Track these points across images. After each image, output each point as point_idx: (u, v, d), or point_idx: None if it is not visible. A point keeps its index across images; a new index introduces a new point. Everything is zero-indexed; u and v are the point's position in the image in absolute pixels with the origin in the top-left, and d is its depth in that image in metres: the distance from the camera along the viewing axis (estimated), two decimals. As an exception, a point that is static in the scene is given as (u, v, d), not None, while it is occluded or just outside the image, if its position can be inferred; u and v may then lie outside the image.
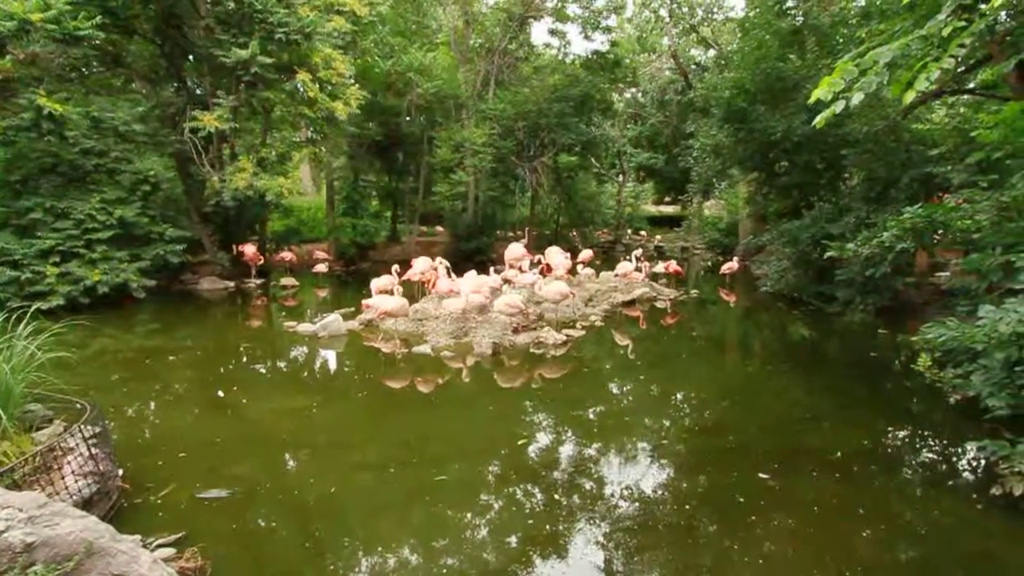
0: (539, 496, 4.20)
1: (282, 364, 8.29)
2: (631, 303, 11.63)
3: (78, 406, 4.25)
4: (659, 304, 11.99)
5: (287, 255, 15.96)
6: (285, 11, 11.48)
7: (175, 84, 13.95)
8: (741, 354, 9.45)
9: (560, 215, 23.58)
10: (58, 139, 10.77)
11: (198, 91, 13.98)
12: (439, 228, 24.03)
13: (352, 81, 14.54)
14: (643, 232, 27.27)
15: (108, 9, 10.86)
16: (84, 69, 12.17)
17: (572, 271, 12.20)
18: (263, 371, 7.89)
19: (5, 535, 2.41)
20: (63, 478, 3.58)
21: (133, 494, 3.95)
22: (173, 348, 8.57)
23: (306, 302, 13.00)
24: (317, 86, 12.36)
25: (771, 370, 7.84)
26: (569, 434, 5.53)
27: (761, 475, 4.40)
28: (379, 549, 3.49)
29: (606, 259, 19.25)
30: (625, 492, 4.22)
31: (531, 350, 8.20)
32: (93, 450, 3.87)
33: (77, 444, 3.87)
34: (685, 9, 20.16)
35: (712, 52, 21.56)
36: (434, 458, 4.81)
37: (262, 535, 3.67)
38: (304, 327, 9.15)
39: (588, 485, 4.37)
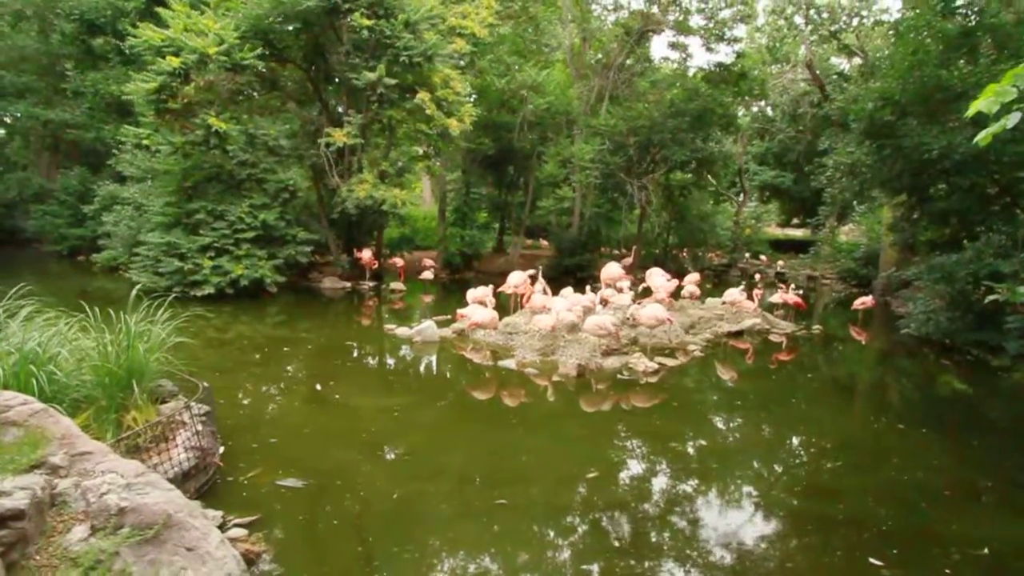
0: (598, 540, 3.92)
1: (377, 365, 8.80)
2: (739, 334, 10.65)
3: (201, 385, 4.86)
4: (773, 338, 10.83)
5: (398, 261, 17.07)
6: (411, 36, 12.38)
7: (318, 104, 15.70)
8: (869, 405, 8.15)
9: (669, 235, 22.51)
10: (221, 152, 12.64)
11: (339, 110, 15.59)
12: (544, 242, 24.20)
13: (469, 99, 15.27)
14: (763, 257, 25.04)
15: (268, 41, 12.55)
16: (248, 93, 14.17)
17: (675, 295, 11.51)
18: (359, 369, 8.43)
19: (105, 497, 2.76)
20: (172, 449, 4.07)
21: (227, 472, 4.39)
22: (291, 339, 9.52)
23: (411, 306, 13.77)
24: (435, 104, 13.12)
25: (905, 429, 6.64)
26: (647, 473, 5.14)
27: (873, 560, 3.69)
28: (425, 564, 3.48)
29: (718, 284, 17.94)
30: (697, 555, 3.78)
31: (619, 375, 7.83)
32: (200, 427, 4.37)
33: (189, 420, 4.39)
34: (825, 15, 18.28)
35: (856, 60, 19.28)
36: (500, 479, 4.73)
37: (322, 530, 3.85)
38: (401, 331, 9.65)
39: (656, 537, 3.99)
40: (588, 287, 10.51)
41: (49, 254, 19.10)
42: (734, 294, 11.03)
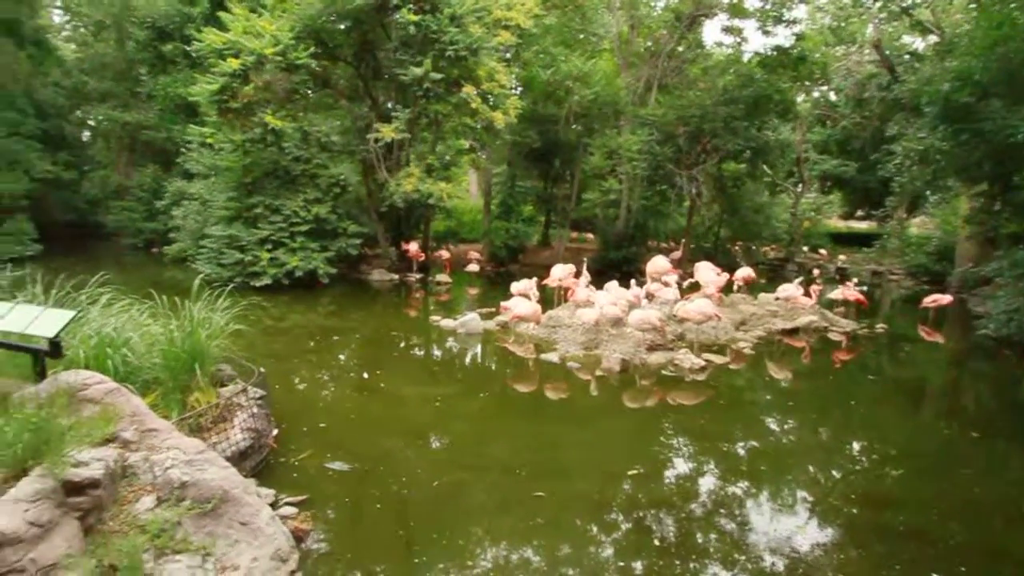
0: (640, 538, 3.87)
1: (422, 355, 9.00)
2: (794, 332, 10.16)
3: (257, 370, 5.13)
4: (831, 336, 10.27)
5: (444, 253, 17.31)
6: (456, 30, 12.46)
7: (368, 101, 16.11)
8: (938, 410, 7.60)
9: (721, 228, 21.70)
10: (278, 149, 13.21)
11: (387, 105, 15.96)
12: (590, 235, 23.91)
13: (514, 91, 15.25)
14: (823, 250, 23.71)
15: (320, 40, 12.97)
16: (302, 91, 14.72)
17: (726, 290, 11.10)
18: (405, 359, 8.64)
19: (169, 471, 2.97)
20: (230, 429, 4.32)
21: (279, 453, 4.62)
22: (341, 329, 9.88)
23: (456, 298, 13.97)
24: (480, 98, 13.17)
25: (979, 438, 6.15)
26: (693, 473, 5.01)
27: None
28: (463, 551, 3.54)
29: (773, 279, 17.17)
30: (745, 560, 3.65)
31: (664, 372, 7.65)
32: (255, 410, 4.61)
33: (246, 403, 4.65)
34: (896, -11, 16.99)
35: (931, 38, 17.81)
36: (541, 471, 4.74)
37: (365, 513, 3.99)
38: (446, 322, 9.81)
39: (701, 539, 3.89)
40: (633, 281, 10.32)
41: (127, 246, 20.62)
42: (789, 289, 10.53)
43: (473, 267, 16.68)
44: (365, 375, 7.15)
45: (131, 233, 20.58)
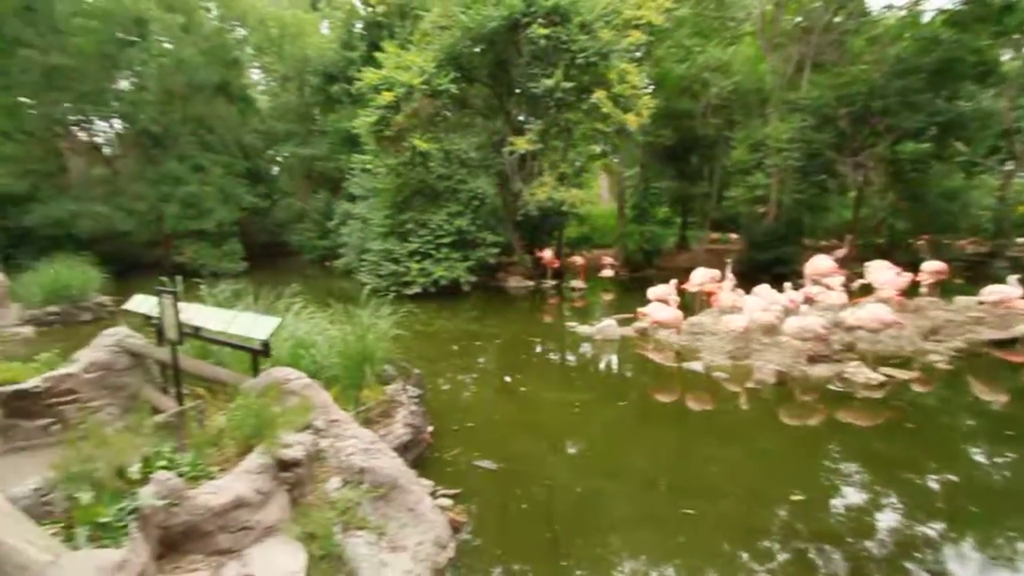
0: (801, 572, 3.47)
1: (559, 360, 9.12)
2: (1008, 344, 8.33)
3: (413, 371, 5.68)
4: (1064, 348, 8.21)
5: (578, 259, 17.38)
6: (586, 37, 12.51)
7: (502, 116, 16.90)
8: None
9: (898, 220, 18.59)
10: (424, 169, 14.47)
11: (519, 119, 16.60)
12: (733, 235, 22.20)
13: (647, 90, 14.80)
14: (1047, 241, 19.05)
15: (459, 65, 13.94)
16: (443, 114, 15.96)
17: (908, 292, 9.50)
18: (543, 364, 8.84)
19: (351, 457, 3.43)
20: (394, 424, 4.83)
21: (434, 448, 5.04)
22: (482, 334, 10.46)
23: (591, 304, 13.93)
24: (611, 101, 13.04)
25: None
26: (866, 505, 4.37)
27: None
28: (607, 561, 3.51)
29: (974, 278, 14.23)
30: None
31: (830, 386, 6.79)
32: (414, 407, 5.10)
33: (406, 400, 5.16)
34: None
35: None
36: (685, 487, 4.52)
37: (512, 511, 4.16)
38: (582, 328, 9.84)
39: None
40: (789, 284, 9.33)
41: (306, 261, 24.19)
42: (1004, 290, 8.64)
43: (607, 272, 16.48)
44: (507, 379, 7.47)
45: (309, 250, 24.07)
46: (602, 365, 8.50)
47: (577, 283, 15.69)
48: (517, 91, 15.76)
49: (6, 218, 17.95)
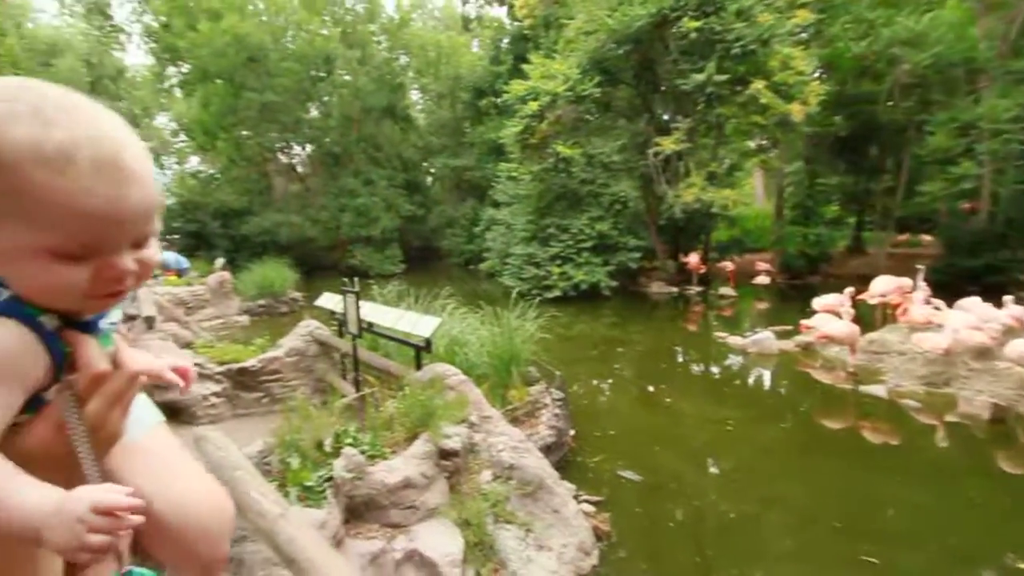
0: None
1: (708, 372, 8.54)
2: None
3: (555, 373, 5.79)
4: None
5: (727, 265, 16.13)
6: (743, 24, 11.57)
7: (645, 116, 16.41)
8: None
9: None
10: (567, 175, 14.66)
11: (664, 118, 15.98)
12: (925, 237, 18.75)
13: (815, 75, 13.20)
14: None
15: (603, 68, 13.89)
16: (586, 119, 16.01)
17: None
18: (689, 375, 8.36)
19: (501, 453, 3.60)
20: (538, 424, 4.97)
21: (576, 452, 5.06)
22: (623, 340, 10.25)
23: (742, 314, 12.84)
24: (771, 92, 11.89)
25: None
26: None
27: None
28: (773, 599, 3.19)
29: None
30: None
31: (1075, 428, 5.36)
32: (557, 410, 5.18)
33: (550, 402, 5.27)
34: None
35: None
36: (863, 529, 3.92)
37: (659, 527, 3.99)
38: (734, 339, 9.10)
39: None
40: (1010, 297, 7.57)
41: (453, 264, 26.06)
42: None
43: (762, 279, 15.02)
44: (650, 388, 7.22)
45: (456, 254, 25.89)
46: (757, 381, 7.76)
47: (726, 290, 14.56)
48: (662, 89, 15.19)
49: (230, 228, 22.35)
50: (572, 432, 5.32)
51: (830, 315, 7.99)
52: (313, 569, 1.54)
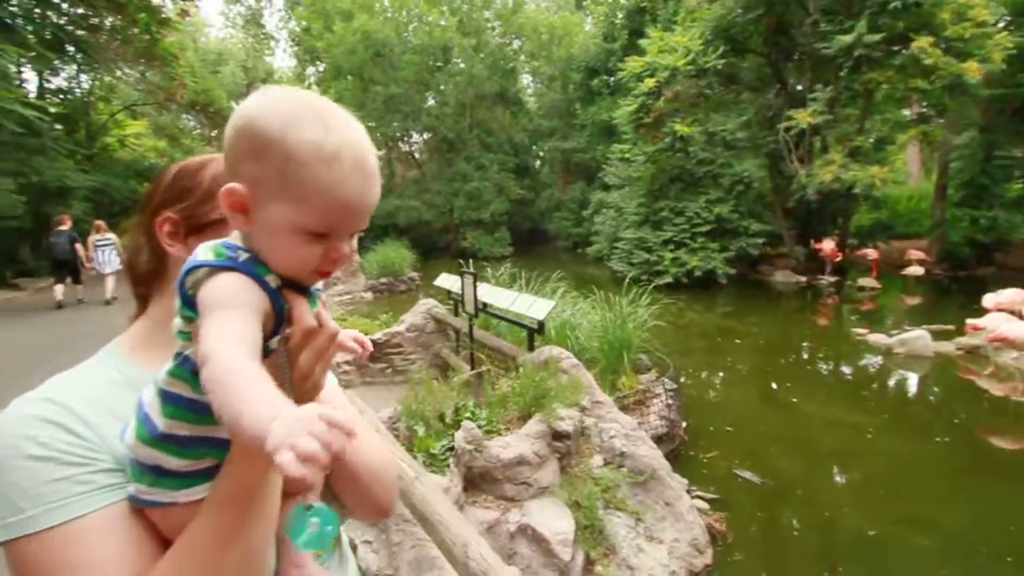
0: None
1: (844, 372, 7.69)
2: None
3: (667, 363, 5.59)
4: None
5: (870, 252, 14.26)
6: (909, -27, 9.96)
7: (776, 88, 14.90)
8: None
9: None
10: (684, 155, 13.86)
11: (798, 88, 14.39)
12: None
13: (999, 26, 11.00)
14: None
15: (729, 37, 12.82)
16: (706, 94, 14.94)
17: None
18: (820, 374, 7.59)
19: (612, 440, 3.58)
20: (648, 414, 4.84)
21: (688, 446, 4.86)
22: (741, 332, 9.57)
23: (886, 308, 11.33)
24: (939, 50, 10.13)
25: None
26: None
27: None
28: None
29: None
30: None
31: None
32: (669, 401, 5.01)
33: (661, 392, 5.11)
34: None
35: None
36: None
37: (782, 536, 3.72)
38: (877, 337, 8.08)
39: None
40: None
41: (561, 248, 26.05)
42: None
43: (915, 270, 13.10)
44: (773, 385, 6.68)
45: (564, 237, 25.84)
46: (903, 385, 6.83)
47: (866, 281, 12.91)
48: (797, 56, 13.67)
49: (358, 212, 24.47)
50: (684, 425, 5.12)
51: (1007, 314, 6.76)
52: (443, 527, 1.67)
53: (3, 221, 10.75)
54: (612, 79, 19.68)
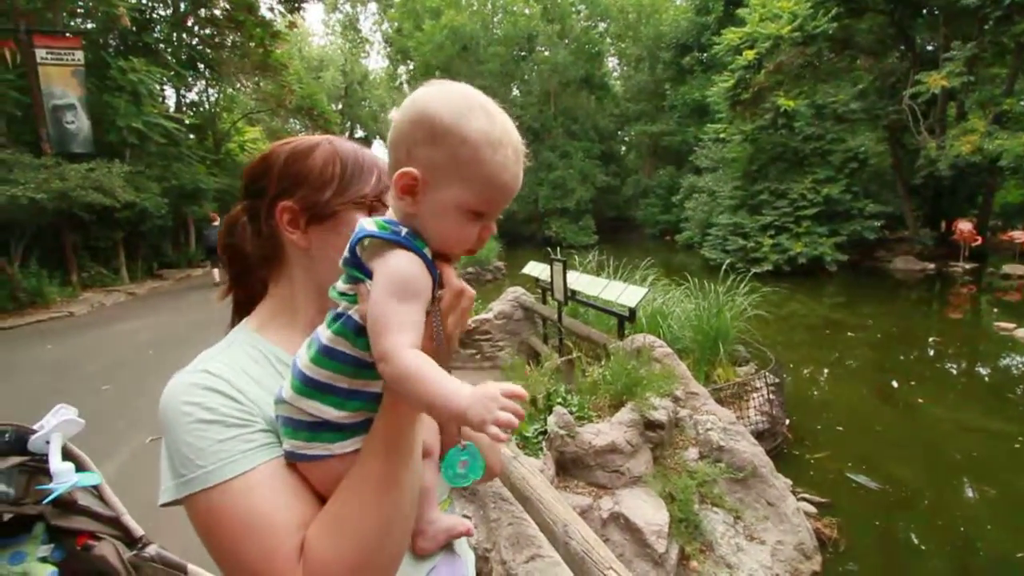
0: None
1: (981, 372, 6.75)
2: None
3: (768, 356, 5.24)
4: None
5: (1018, 235, 12.30)
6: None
7: (899, 50, 13.22)
8: None
9: None
10: (787, 131, 12.77)
11: (928, 48, 12.67)
12: None
13: None
14: None
15: (844, -2, 11.53)
16: (816, 62, 13.60)
17: None
18: (951, 373, 6.73)
19: (708, 433, 3.43)
20: (747, 408, 4.58)
21: (793, 444, 4.54)
22: (853, 324, 8.72)
23: (1038, 300, 9.75)
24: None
25: None
26: None
27: None
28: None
29: None
30: None
31: None
32: (771, 396, 4.70)
33: (761, 386, 4.81)
34: None
35: None
36: None
37: (903, 548, 3.37)
38: (1023, 332, 7.00)
39: None
40: None
41: (648, 235, 25.19)
42: None
43: (1079, 254, 11.12)
44: (894, 383, 6.02)
45: (651, 224, 24.95)
46: (1065, 389, 5.86)
47: (1014, 268, 11.16)
48: (927, 11, 11.99)
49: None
50: (787, 422, 4.78)
51: None
52: (543, 507, 1.71)
53: (152, 221, 12.46)
54: (705, 55, 18.51)
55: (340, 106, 31.30)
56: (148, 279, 13.14)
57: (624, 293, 4.44)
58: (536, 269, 6.56)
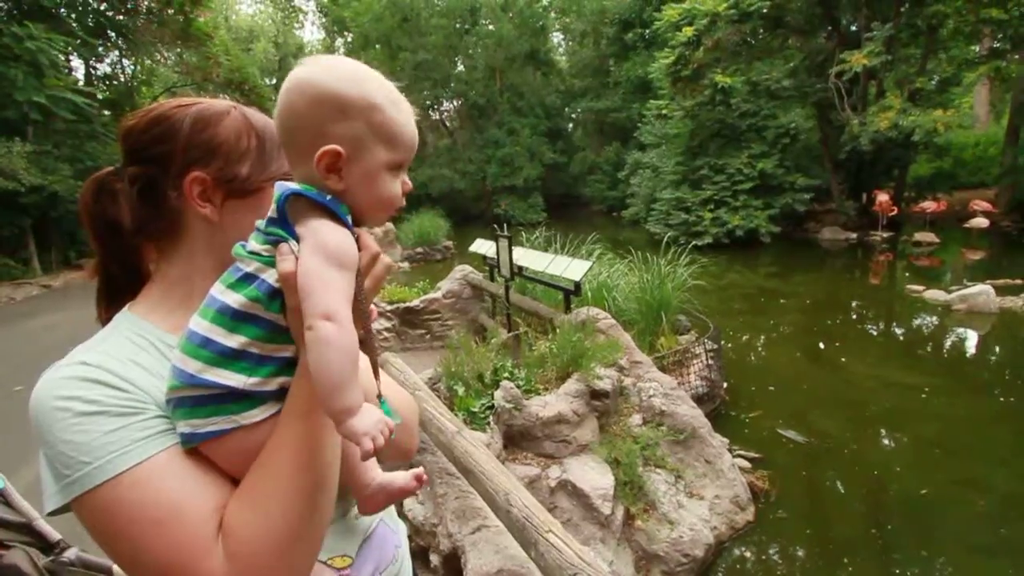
0: None
1: (897, 331, 7.35)
2: None
3: (708, 324, 5.48)
4: None
5: (930, 205, 13.36)
6: None
7: (827, 30, 13.84)
8: None
9: None
10: (725, 107, 13.18)
11: (852, 28, 13.34)
12: None
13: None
14: None
15: (776, -24, 11.89)
16: (751, 40, 14.04)
17: None
18: (871, 333, 7.28)
19: (652, 399, 3.57)
20: (688, 374, 4.79)
21: (730, 405, 4.80)
22: (786, 292, 9.25)
23: (946, 264, 10.67)
24: (1019, -26, 9.13)
25: None
26: None
27: None
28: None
29: None
30: None
31: None
32: (710, 361, 4.93)
33: (701, 353, 5.03)
34: None
35: None
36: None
37: (827, 493, 3.66)
38: (933, 294, 7.66)
39: None
40: None
41: (595, 212, 25.57)
42: None
43: (979, 222, 12.23)
44: (820, 345, 6.47)
45: (598, 201, 25.32)
46: (961, 344, 6.49)
47: (924, 236, 12.15)
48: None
49: (391, 183, 24.69)
50: (725, 385, 5.05)
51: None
52: (486, 478, 1.72)
53: (65, 206, 11.41)
54: (648, 31, 18.71)
55: (275, 80, 29.56)
56: (65, 270, 12.11)
57: (569, 267, 4.50)
58: (483, 247, 6.52)
